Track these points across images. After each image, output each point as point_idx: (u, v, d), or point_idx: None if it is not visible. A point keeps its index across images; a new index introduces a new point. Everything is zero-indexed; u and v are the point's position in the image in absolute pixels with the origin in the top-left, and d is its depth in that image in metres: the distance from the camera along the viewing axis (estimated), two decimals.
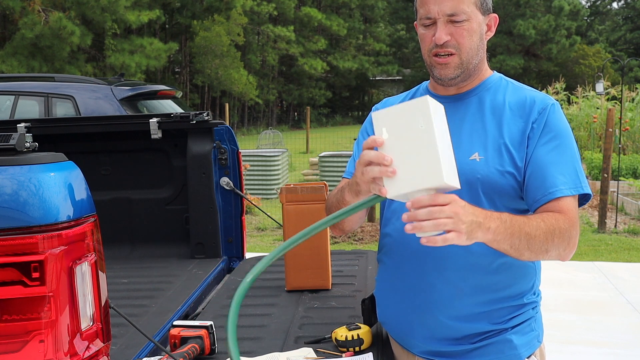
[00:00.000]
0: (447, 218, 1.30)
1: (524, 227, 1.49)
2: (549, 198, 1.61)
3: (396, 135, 1.32)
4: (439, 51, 1.68)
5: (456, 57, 1.68)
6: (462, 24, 1.65)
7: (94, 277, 1.44)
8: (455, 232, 1.32)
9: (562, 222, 1.56)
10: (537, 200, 1.63)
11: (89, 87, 6.10)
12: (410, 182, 1.29)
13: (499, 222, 1.44)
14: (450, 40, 1.66)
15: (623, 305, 5.32)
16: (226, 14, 29.83)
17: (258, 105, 35.46)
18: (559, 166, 1.64)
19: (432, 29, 1.67)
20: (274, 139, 18.99)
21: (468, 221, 1.35)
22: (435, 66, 1.71)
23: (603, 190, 8.04)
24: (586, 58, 39.05)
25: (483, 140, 1.69)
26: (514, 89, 1.78)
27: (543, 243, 1.52)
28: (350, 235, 7.81)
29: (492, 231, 1.42)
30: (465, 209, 1.35)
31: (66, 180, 1.39)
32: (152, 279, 2.84)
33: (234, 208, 3.22)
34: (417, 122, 1.29)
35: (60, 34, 22.45)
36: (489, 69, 1.82)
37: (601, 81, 11.12)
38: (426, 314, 1.74)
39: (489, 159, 1.67)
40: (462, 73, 1.71)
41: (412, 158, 1.29)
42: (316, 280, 2.54)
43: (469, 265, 1.69)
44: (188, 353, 1.85)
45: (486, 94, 1.76)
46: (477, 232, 1.38)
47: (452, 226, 1.31)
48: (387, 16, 42.79)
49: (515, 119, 1.70)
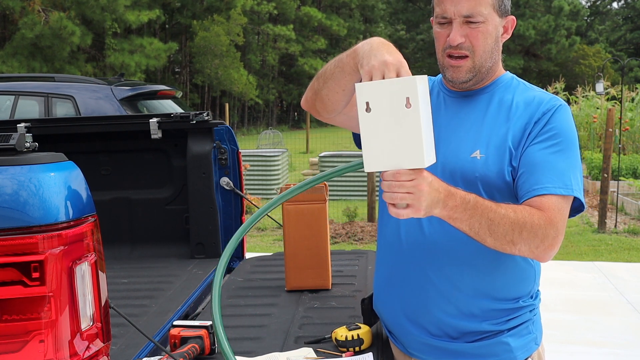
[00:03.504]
0: (406, 193, 1.35)
1: (487, 212, 1.48)
2: (532, 194, 1.59)
3: (379, 110, 1.32)
4: (453, 52, 1.66)
5: (469, 61, 1.66)
6: (477, 26, 1.63)
7: (94, 277, 1.43)
8: (413, 207, 1.37)
9: (537, 218, 1.53)
10: (521, 197, 1.61)
11: (89, 87, 6.10)
12: (390, 161, 1.33)
13: (460, 201, 1.45)
14: (465, 42, 1.64)
15: (623, 305, 5.32)
16: (226, 13, 29.85)
17: (258, 105, 35.47)
18: (551, 166, 1.60)
19: (447, 29, 1.65)
20: (274, 139, 18.99)
21: (429, 198, 1.38)
22: (447, 67, 1.69)
23: (603, 190, 8.04)
24: (586, 58, 39.08)
25: (486, 139, 1.67)
26: (525, 89, 1.75)
27: (507, 233, 1.50)
28: (350, 235, 7.80)
29: (450, 208, 1.44)
30: (431, 185, 1.38)
31: (66, 180, 1.39)
32: (152, 279, 2.84)
33: (234, 208, 3.22)
34: (402, 100, 1.30)
35: (60, 34, 22.45)
36: (503, 69, 1.80)
37: (601, 81, 11.12)
38: (422, 308, 1.74)
39: (489, 158, 1.66)
40: (474, 77, 1.69)
41: (394, 136, 1.31)
42: (316, 280, 2.54)
43: (467, 263, 1.69)
44: (188, 353, 1.84)
45: (496, 93, 1.74)
46: (436, 207, 1.41)
47: (410, 201, 1.37)
48: (387, 16, 42.81)
49: (520, 117, 1.68)
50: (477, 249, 1.63)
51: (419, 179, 1.35)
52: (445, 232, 1.65)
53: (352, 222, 8.37)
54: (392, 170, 1.35)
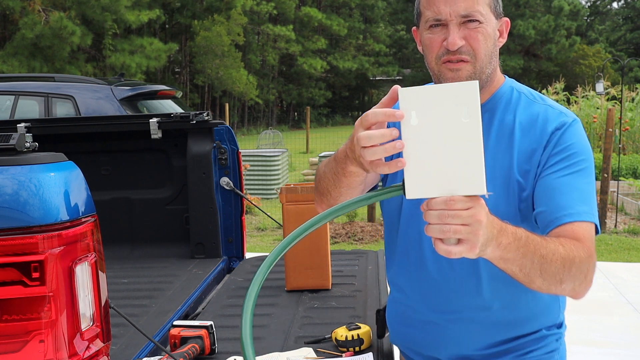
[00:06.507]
0: (461, 225, 1.07)
1: (539, 249, 1.26)
2: (561, 222, 1.38)
3: (429, 122, 1.07)
4: (451, 58, 1.45)
5: (469, 66, 1.46)
6: (477, 27, 1.45)
7: (94, 277, 1.43)
8: (468, 243, 1.09)
9: (581, 251, 1.33)
10: (547, 224, 1.40)
11: (89, 87, 6.10)
12: (441, 185, 1.07)
13: (513, 238, 1.20)
14: (465, 46, 1.44)
15: (623, 305, 5.32)
16: (226, 13, 29.84)
17: (258, 105, 35.47)
18: (573, 189, 1.42)
19: (441, 33, 1.46)
20: (274, 139, 18.98)
21: (487, 233, 1.11)
22: (445, 74, 1.47)
23: (603, 190, 8.04)
24: (586, 58, 39.06)
25: (490, 172, 1.40)
26: (527, 103, 1.55)
27: (559, 271, 1.29)
28: (350, 235, 7.80)
29: (503, 247, 1.18)
30: (488, 217, 1.12)
31: (66, 180, 1.39)
32: (152, 279, 2.85)
33: (234, 208, 3.22)
34: (459, 111, 1.05)
35: (60, 34, 22.46)
36: (502, 76, 1.61)
37: (601, 81, 11.12)
38: (441, 345, 1.61)
39: (499, 197, 1.46)
40: None
41: (447, 155, 1.06)
42: (316, 280, 2.54)
43: (494, 297, 1.54)
44: (188, 353, 1.85)
45: (496, 113, 1.54)
46: (489, 245, 1.15)
47: (465, 235, 1.08)
48: (387, 16, 42.80)
49: (524, 141, 1.49)
50: (505, 283, 1.47)
51: (477, 207, 1.07)
52: (473, 264, 1.51)
53: (352, 222, 8.37)
54: (443, 197, 1.07)
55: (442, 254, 1.10)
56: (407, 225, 1.61)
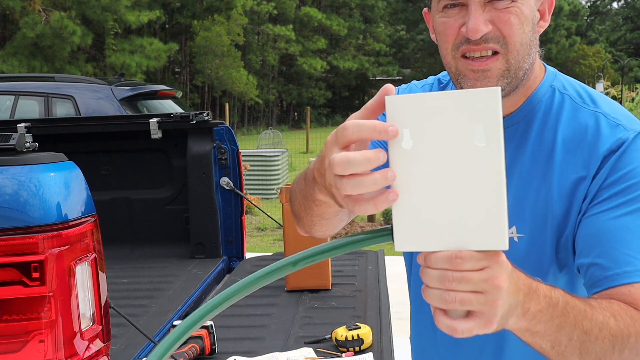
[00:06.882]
0: (472, 293, 0.73)
1: (582, 320, 0.88)
2: (618, 282, 0.99)
3: (427, 147, 0.72)
4: (473, 49, 1.04)
5: (501, 60, 1.04)
6: (508, 5, 1.02)
7: (94, 277, 1.44)
8: (481, 318, 0.75)
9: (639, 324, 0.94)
10: (595, 283, 1.02)
11: (89, 87, 6.11)
12: (443, 235, 0.73)
13: (546, 303, 0.84)
14: (491, 32, 1.03)
15: None
16: (226, 13, 29.87)
17: (258, 105, 35.49)
18: (636, 235, 1.01)
19: (459, 16, 1.04)
20: (274, 139, 18.99)
21: (509, 301, 0.77)
22: (466, 74, 1.06)
23: None
24: (586, 58, 39.10)
25: (521, 205, 1.10)
26: (573, 109, 1.12)
27: (606, 353, 0.90)
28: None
29: (531, 316, 0.82)
30: (511, 277, 0.77)
31: (66, 180, 1.39)
32: (152, 279, 2.85)
33: (234, 208, 3.22)
34: (472, 131, 0.70)
35: (60, 34, 22.48)
36: (542, 66, 1.17)
37: (601, 81, 11.13)
38: None
39: (534, 239, 1.10)
40: (508, 85, 1.07)
41: (452, 194, 0.72)
42: (316, 280, 2.54)
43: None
44: (188, 353, 1.85)
45: (532, 124, 1.13)
46: (512, 315, 0.80)
47: (478, 306, 0.74)
48: (387, 16, 42.83)
49: (568, 164, 1.09)
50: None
51: (495, 267, 0.74)
52: None
53: (352, 222, 8.37)
54: (447, 252, 0.72)
55: (444, 331, 0.76)
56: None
